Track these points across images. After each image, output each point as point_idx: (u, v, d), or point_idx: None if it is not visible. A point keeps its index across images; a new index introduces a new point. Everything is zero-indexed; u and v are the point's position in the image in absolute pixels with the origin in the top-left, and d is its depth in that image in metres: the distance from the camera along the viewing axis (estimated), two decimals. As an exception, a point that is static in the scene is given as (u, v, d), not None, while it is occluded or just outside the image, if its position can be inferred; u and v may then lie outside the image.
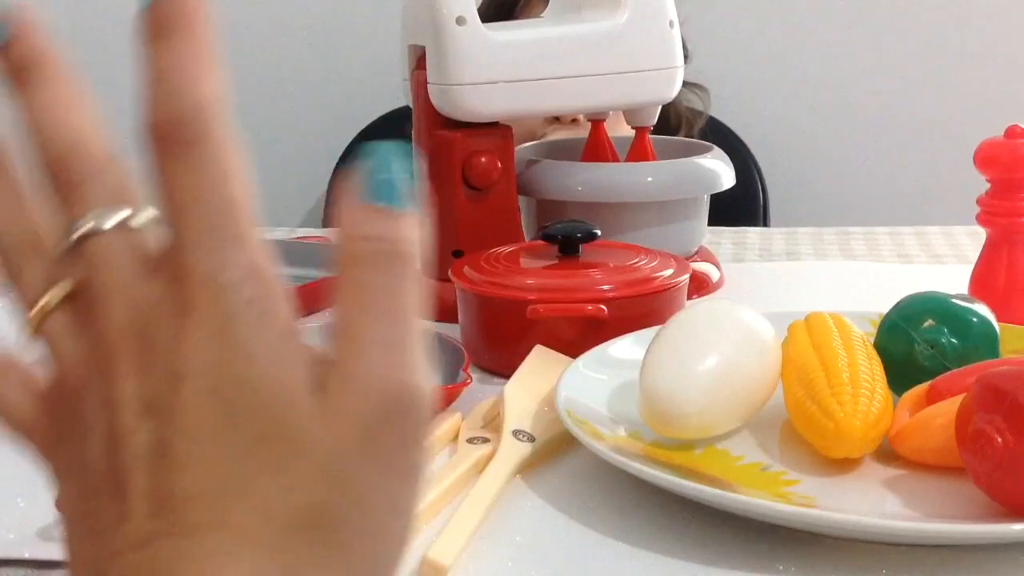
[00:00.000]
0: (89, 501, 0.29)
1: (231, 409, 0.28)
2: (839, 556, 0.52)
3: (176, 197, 0.29)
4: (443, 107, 0.86)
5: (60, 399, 0.31)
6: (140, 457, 0.28)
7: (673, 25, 0.91)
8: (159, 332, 0.29)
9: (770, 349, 0.62)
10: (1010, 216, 0.78)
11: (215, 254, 0.28)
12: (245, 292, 0.28)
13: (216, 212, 0.29)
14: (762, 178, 1.81)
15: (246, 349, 0.28)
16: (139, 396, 0.29)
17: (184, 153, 0.29)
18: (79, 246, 0.30)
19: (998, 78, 1.92)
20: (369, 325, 0.28)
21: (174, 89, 0.29)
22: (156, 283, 0.29)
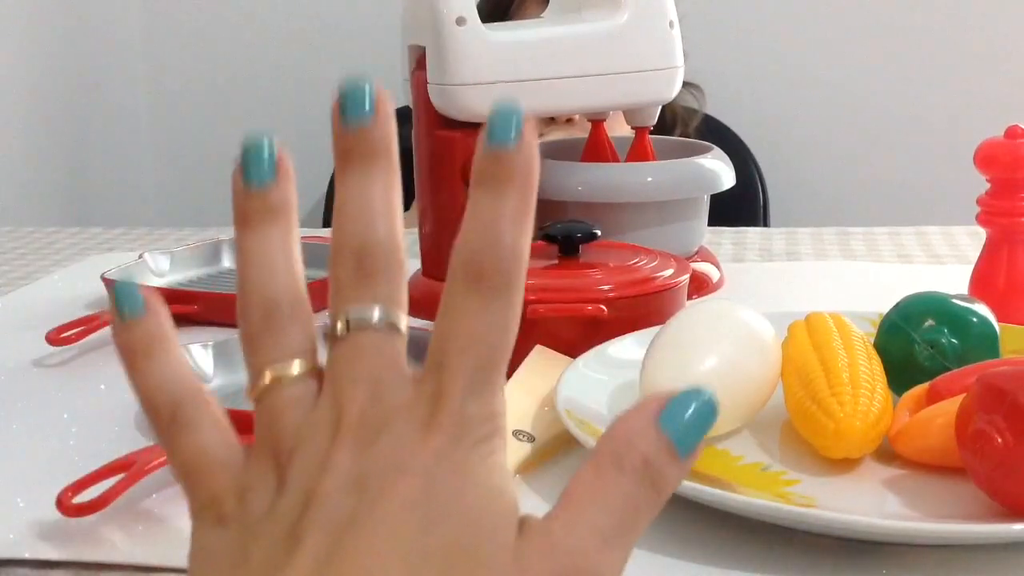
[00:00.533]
0: (252, 546, 0.30)
1: (434, 519, 0.29)
2: (839, 556, 0.52)
3: (463, 328, 0.31)
4: (443, 107, 0.86)
5: (261, 458, 0.32)
6: (327, 523, 0.29)
7: (673, 25, 0.91)
8: (396, 423, 0.31)
9: (770, 349, 0.62)
10: (1010, 216, 0.78)
11: (474, 392, 0.31)
12: (484, 431, 0.31)
13: (489, 356, 0.31)
14: (762, 178, 1.81)
15: (471, 476, 0.30)
16: (352, 471, 0.30)
17: (485, 295, 0.31)
18: (349, 332, 0.32)
19: (998, 78, 1.92)
20: (595, 515, 0.30)
21: (498, 239, 0.31)
22: (409, 391, 0.31)
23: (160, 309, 0.34)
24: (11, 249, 1.19)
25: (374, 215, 0.33)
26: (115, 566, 0.53)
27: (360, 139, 0.33)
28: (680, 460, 0.30)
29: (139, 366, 0.34)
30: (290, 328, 0.33)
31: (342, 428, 0.31)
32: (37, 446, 0.67)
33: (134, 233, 1.25)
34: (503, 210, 0.31)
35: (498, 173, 0.31)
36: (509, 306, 0.31)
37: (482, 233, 0.31)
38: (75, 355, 0.81)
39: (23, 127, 1.89)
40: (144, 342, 0.34)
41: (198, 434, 0.33)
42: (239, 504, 0.31)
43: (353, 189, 0.33)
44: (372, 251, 0.32)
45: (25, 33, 1.90)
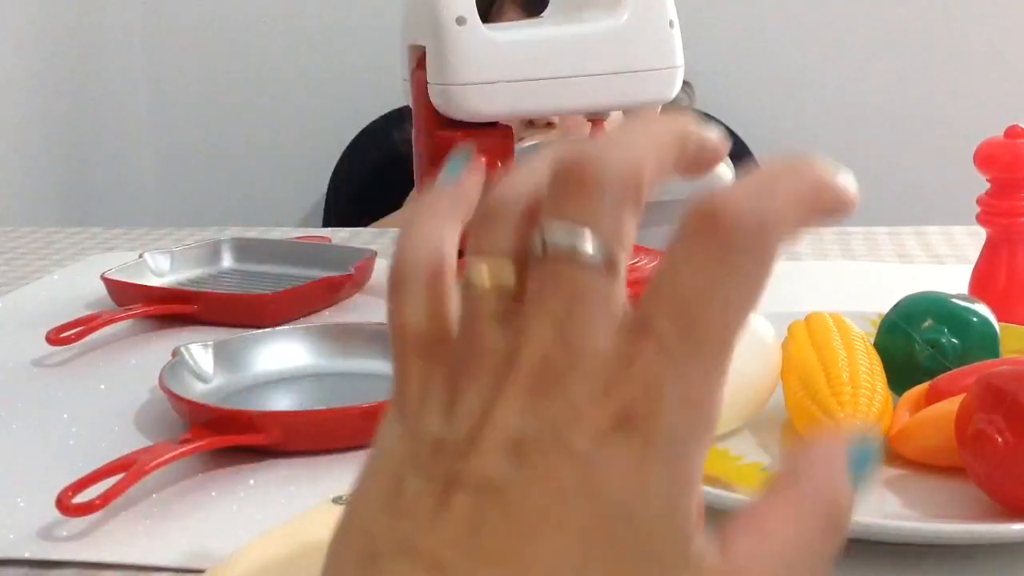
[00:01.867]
0: (411, 473, 0.27)
1: (597, 526, 0.25)
2: (839, 556, 0.52)
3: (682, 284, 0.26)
4: (443, 107, 0.86)
5: (448, 360, 0.28)
6: (480, 483, 0.26)
7: (673, 25, 0.91)
8: (570, 388, 0.26)
9: (770, 349, 0.62)
10: (1010, 216, 0.78)
11: (679, 365, 0.25)
12: (678, 422, 0.26)
13: (710, 327, 0.26)
14: (762, 178, 1.81)
15: (645, 477, 0.26)
16: (515, 430, 0.26)
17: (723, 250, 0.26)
18: (551, 250, 0.27)
19: (998, 78, 1.92)
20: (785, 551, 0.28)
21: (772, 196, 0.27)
22: (600, 342, 0.26)
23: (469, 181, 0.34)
24: (11, 249, 1.19)
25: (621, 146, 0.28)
26: (115, 566, 0.53)
27: None
28: (855, 504, 0.29)
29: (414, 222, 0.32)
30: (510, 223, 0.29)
31: (515, 369, 0.26)
32: (37, 446, 0.67)
33: (134, 233, 1.25)
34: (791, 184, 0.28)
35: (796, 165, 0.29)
36: (758, 271, 0.26)
37: (758, 184, 0.27)
38: (75, 355, 0.81)
39: (23, 127, 1.89)
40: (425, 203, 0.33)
41: (411, 304, 0.30)
42: (417, 408, 0.28)
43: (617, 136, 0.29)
44: (601, 166, 0.27)
45: (25, 33, 1.90)
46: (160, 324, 0.87)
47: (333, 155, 1.86)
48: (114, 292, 0.91)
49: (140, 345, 0.84)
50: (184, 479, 0.60)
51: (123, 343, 0.84)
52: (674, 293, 0.26)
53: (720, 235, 0.26)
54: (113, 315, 0.85)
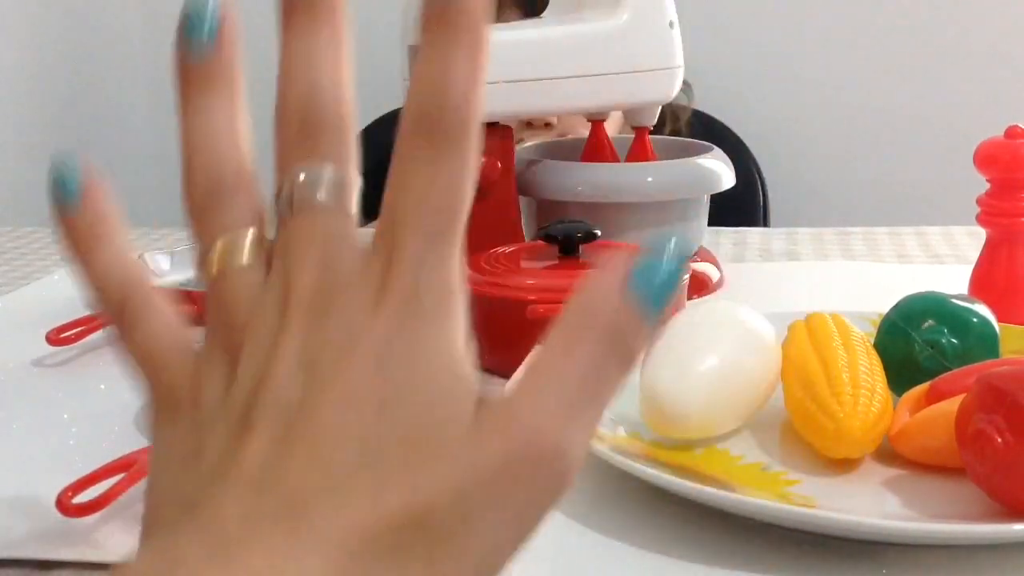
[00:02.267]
0: (206, 434, 0.29)
1: (390, 394, 0.27)
2: (839, 556, 0.52)
3: (412, 188, 0.29)
4: (443, 107, 0.86)
5: (213, 343, 0.30)
6: (279, 407, 0.28)
7: (673, 25, 0.91)
8: (346, 304, 0.29)
9: (770, 349, 0.62)
10: (1010, 216, 0.78)
11: (430, 250, 0.29)
12: (439, 296, 0.29)
13: (445, 212, 0.29)
14: (762, 178, 1.81)
15: (426, 347, 0.28)
16: (303, 351, 0.28)
17: (436, 150, 0.29)
18: (295, 207, 0.30)
19: (998, 78, 1.92)
20: (559, 383, 0.28)
21: (447, 88, 0.29)
22: (359, 260, 0.29)
23: (99, 195, 0.33)
24: (11, 249, 1.19)
25: (319, 72, 0.31)
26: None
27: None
28: (649, 325, 0.28)
29: (84, 258, 0.32)
30: (236, 198, 0.31)
31: (290, 307, 0.29)
32: (37, 446, 0.67)
33: (134, 233, 1.25)
34: (454, 57, 0.29)
35: (445, 23, 0.30)
36: (462, 162, 0.29)
37: (430, 83, 0.29)
38: (75, 355, 0.81)
39: (23, 127, 1.89)
40: (87, 234, 0.32)
41: (149, 326, 0.32)
42: (192, 397, 0.30)
43: (296, 46, 0.32)
44: (317, 106, 0.31)
45: (25, 33, 1.90)
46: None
47: (333, 155, 1.86)
48: (114, 292, 0.91)
49: (140, 345, 0.84)
50: (184, 479, 0.60)
51: (123, 343, 0.84)
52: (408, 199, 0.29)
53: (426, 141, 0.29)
54: (113, 315, 0.85)
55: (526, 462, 0.27)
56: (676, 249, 0.28)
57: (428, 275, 0.29)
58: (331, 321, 0.28)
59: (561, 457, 0.28)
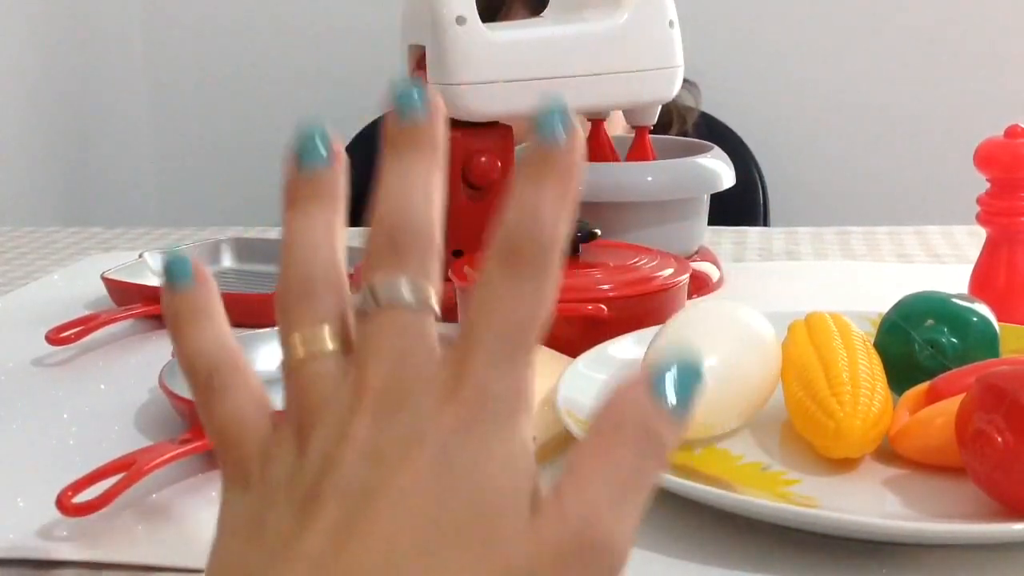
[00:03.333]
0: (269, 512, 0.31)
1: (452, 487, 0.29)
2: (839, 556, 0.52)
3: (493, 307, 0.31)
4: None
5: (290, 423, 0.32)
6: (344, 491, 0.29)
7: (673, 25, 0.91)
8: (417, 402, 0.31)
9: (770, 349, 0.62)
10: (1010, 216, 0.78)
11: (501, 365, 0.31)
12: (508, 406, 0.31)
13: (519, 332, 0.31)
14: (762, 178, 1.81)
15: (489, 448, 0.30)
16: (371, 440, 0.30)
17: (519, 276, 0.31)
18: (379, 302, 0.32)
19: (998, 78, 1.92)
20: (602, 483, 0.30)
21: (536, 222, 0.31)
22: (433, 364, 0.31)
23: (208, 280, 0.36)
24: (11, 249, 1.19)
25: (412, 195, 0.33)
26: (115, 566, 0.53)
27: (407, 132, 0.34)
28: (677, 423, 0.31)
29: (183, 332, 0.35)
30: (323, 295, 0.33)
31: (363, 399, 0.31)
32: (37, 446, 0.67)
33: (134, 233, 1.25)
34: (544, 196, 0.32)
35: (542, 164, 0.32)
36: (542, 288, 0.32)
37: (520, 216, 0.32)
38: (75, 355, 0.81)
39: (23, 127, 1.89)
40: (190, 310, 0.35)
41: (232, 399, 0.33)
42: (262, 471, 0.32)
43: (394, 174, 0.34)
44: (405, 226, 0.33)
45: (25, 33, 1.90)
46: (160, 324, 0.86)
47: (333, 155, 1.86)
48: (114, 292, 0.91)
49: (140, 345, 0.84)
50: (184, 479, 0.60)
51: (123, 343, 0.84)
52: (490, 312, 0.31)
53: (512, 269, 0.31)
54: (113, 315, 0.85)
55: (578, 554, 0.29)
56: (690, 357, 0.32)
57: (496, 383, 0.31)
58: (401, 414, 0.30)
59: (610, 548, 0.30)
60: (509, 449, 0.31)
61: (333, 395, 0.32)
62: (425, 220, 0.33)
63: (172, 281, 0.35)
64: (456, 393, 0.31)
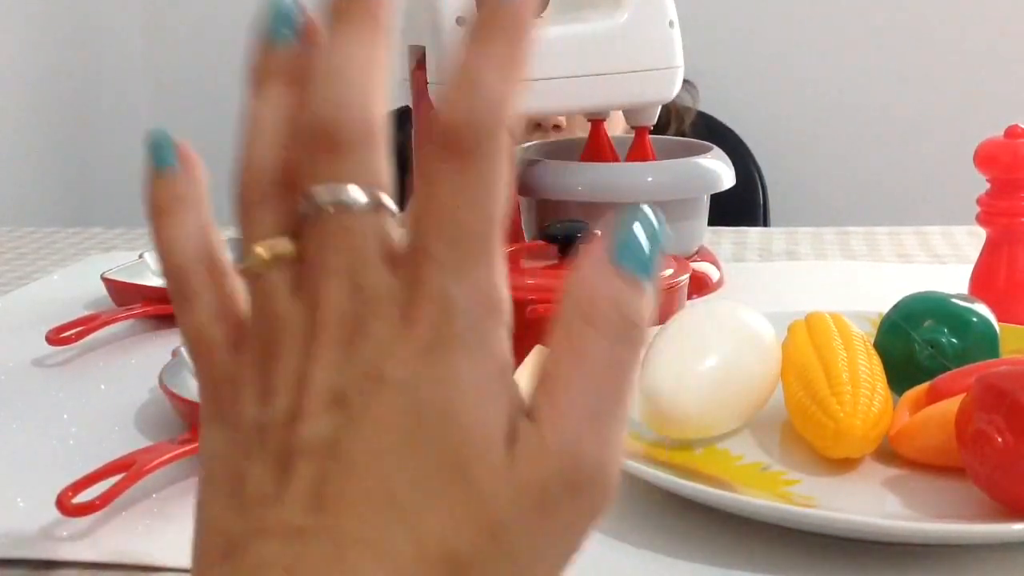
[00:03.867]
0: (245, 463, 0.28)
1: (422, 432, 0.27)
2: (839, 556, 0.52)
3: (439, 198, 0.28)
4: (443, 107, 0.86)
5: (252, 347, 0.30)
6: (314, 446, 0.27)
7: (673, 25, 0.91)
8: (374, 330, 0.28)
9: (770, 349, 0.62)
10: (1010, 216, 0.78)
11: (458, 272, 0.28)
12: (472, 318, 0.28)
13: (472, 230, 0.28)
14: (762, 178, 1.81)
15: (457, 377, 0.27)
16: (333, 385, 0.27)
17: (464, 157, 0.28)
18: (322, 211, 0.28)
19: (998, 78, 1.92)
20: (580, 393, 0.27)
21: (478, 90, 0.28)
22: (387, 279, 0.28)
23: (194, 166, 0.33)
24: (11, 249, 1.19)
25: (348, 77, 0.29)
26: (115, 566, 0.53)
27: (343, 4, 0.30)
28: (648, 287, 0.28)
29: (160, 221, 0.32)
30: (284, 195, 0.30)
31: (318, 331, 0.28)
32: (37, 446, 0.67)
33: (134, 233, 1.25)
34: (487, 63, 0.28)
35: (486, 24, 0.29)
36: (488, 169, 0.28)
37: (459, 92, 0.28)
38: (75, 355, 0.81)
39: (23, 127, 1.89)
40: (170, 197, 0.32)
41: (199, 310, 0.31)
42: (233, 402, 0.29)
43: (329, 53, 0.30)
44: (343, 117, 0.29)
45: (25, 33, 1.90)
46: (160, 324, 0.87)
47: (333, 155, 1.86)
48: (114, 292, 0.91)
49: (140, 345, 0.84)
50: (184, 479, 0.60)
51: (123, 343, 0.84)
52: (434, 213, 0.28)
53: (450, 150, 0.28)
54: (113, 315, 0.85)
55: (565, 487, 0.27)
56: (648, 212, 0.29)
57: (457, 290, 0.27)
58: (360, 344, 0.28)
59: (600, 472, 0.27)
60: (480, 372, 0.27)
61: (290, 313, 0.29)
62: (368, 106, 0.29)
63: (155, 164, 0.32)
64: (413, 309, 0.27)
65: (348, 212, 0.28)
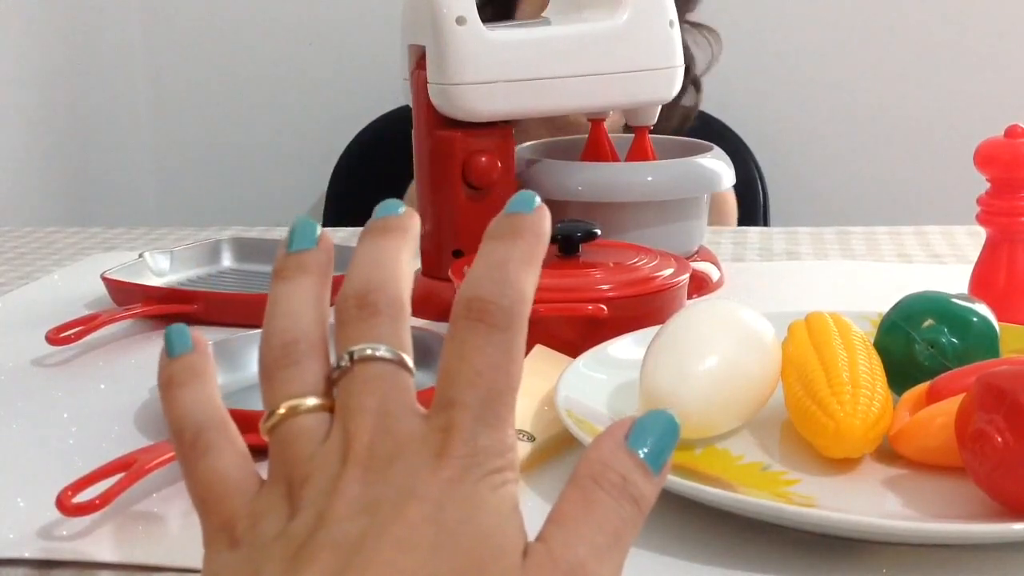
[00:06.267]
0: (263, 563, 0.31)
1: (443, 541, 0.30)
2: (839, 556, 0.52)
3: (469, 363, 0.33)
4: (443, 107, 0.86)
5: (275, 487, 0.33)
6: (338, 542, 0.30)
7: (673, 25, 0.91)
8: (405, 458, 0.32)
9: (770, 349, 0.62)
10: (1010, 216, 0.78)
11: (486, 424, 0.32)
12: (496, 463, 0.32)
13: (497, 390, 0.32)
14: (762, 178, 1.81)
15: (481, 503, 0.31)
16: (364, 494, 0.31)
17: (490, 332, 0.33)
18: (356, 363, 0.33)
19: (998, 78, 1.92)
20: (587, 528, 0.32)
21: (504, 278, 0.33)
22: (416, 416, 0.33)
23: (205, 348, 0.37)
24: (11, 249, 1.19)
25: (383, 264, 0.35)
26: (115, 566, 0.53)
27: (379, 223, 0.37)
28: (653, 476, 0.33)
29: (174, 393, 0.35)
30: (307, 363, 0.34)
31: (351, 456, 0.32)
32: (37, 446, 0.67)
33: (134, 233, 1.25)
34: (512, 253, 0.34)
35: (512, 227, 0.34)
36: (513, 342, 0.33)
37: (488, 272, 0.34)
38: (75, 355, 0.81)
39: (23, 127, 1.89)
40: (184, 372, 0.36)
41: (216, 459, 0.34)
42: (251, 528, 0.32)
43: (366, 248, 0.36)
44: (374, 293, 0.34)
45: (25, 33, 1.90)
46: (160, 324, 0.87)
47: (333, 155, 1.86)
48: (114, 292, 0.91)
49: (140, 345, 0.84)
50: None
51: (123, 343, 0.84)
52: (466, 373, 0.32)
53: (482, 323, 0.33)
54: (113, 315, 0.85)
55: None
56: (668, 415, 0.34)
57: (485, 441, 0.32)
58: (393, 470, 0.31)
59: None
60: (500, 501, 0.32)
61: (320, 451, 0.32)
62: (396, 287, 0.35)
63: (172, 350, 0.36)
64: (446, 451, 0.31)
65: (379, 363, 0.33)
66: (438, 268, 0.87)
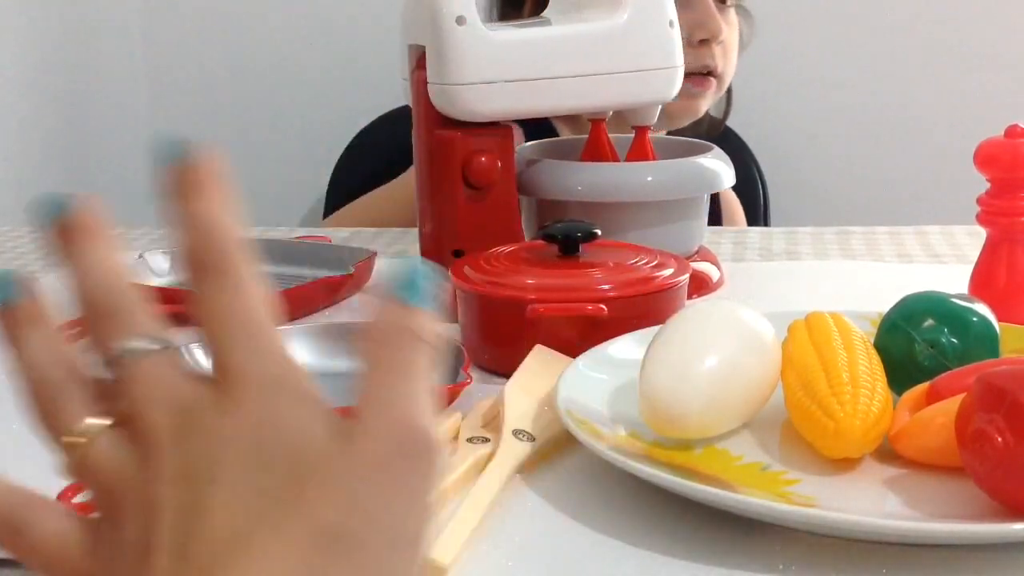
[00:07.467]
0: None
1: (263, 462, 0.32)
2: (839, 556, 0.52)
3: (215, 313, 0.34)
4: (443, 107, 0.86)
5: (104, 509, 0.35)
6: (168, 521, 0.32)
7: (673, 25, 0.91)
8: (203, 419, 0.33)
9: (770, 349, 0.62)
10: (1010, 216, 0.78)
11: (254, 356, 0.33)
12: (277, 376, 0.33)
13: (250, 324, 0.34)
14: (762, 178, 1.81)
15: (282, 420, 0.32)
16: (177, 468, 0.32)
17: (218, 279, 0.34)
18: (121, 365, 0.35)
19: (998, 78, 1.92)
20: (386, 383, 0.33)
21: (208, 229, 0.35)
22: (197, 385, 0.34)
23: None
24: (11, 249, 1.19)
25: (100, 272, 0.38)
26: (115, 566, 0.53)
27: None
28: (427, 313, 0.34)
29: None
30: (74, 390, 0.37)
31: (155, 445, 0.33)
32: (37, 446, 0.66)
33: (134, 233, 1.25)
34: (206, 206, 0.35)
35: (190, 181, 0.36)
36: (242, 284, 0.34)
37: (193, 231, 0.35)
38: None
39: (23, 127, 1.89)
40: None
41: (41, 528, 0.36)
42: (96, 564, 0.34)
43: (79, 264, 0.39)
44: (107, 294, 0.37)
45: (25, 33, 1.90)
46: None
47: (333, 155, 1.86)
48: (114, 292, 0.91)
49: (140, 345, 0.84)
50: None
51: (123, 343, 0.84)
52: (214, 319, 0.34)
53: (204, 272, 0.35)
54: (113, 315, 0.85)
55: (399, 453, 0.32)
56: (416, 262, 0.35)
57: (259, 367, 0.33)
58: (196, 437, 0.33)
59: (422, 432, 0.32)
60: (297, 412, 0.33)
61: (122, 465, 0.34)
62: (118, 284, 0.38)
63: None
64: (233, 396, 0.33)
65: (142, 354, 0.35)
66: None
